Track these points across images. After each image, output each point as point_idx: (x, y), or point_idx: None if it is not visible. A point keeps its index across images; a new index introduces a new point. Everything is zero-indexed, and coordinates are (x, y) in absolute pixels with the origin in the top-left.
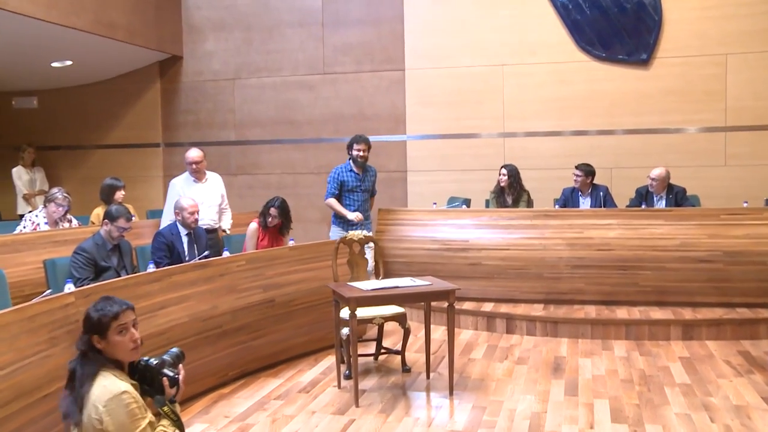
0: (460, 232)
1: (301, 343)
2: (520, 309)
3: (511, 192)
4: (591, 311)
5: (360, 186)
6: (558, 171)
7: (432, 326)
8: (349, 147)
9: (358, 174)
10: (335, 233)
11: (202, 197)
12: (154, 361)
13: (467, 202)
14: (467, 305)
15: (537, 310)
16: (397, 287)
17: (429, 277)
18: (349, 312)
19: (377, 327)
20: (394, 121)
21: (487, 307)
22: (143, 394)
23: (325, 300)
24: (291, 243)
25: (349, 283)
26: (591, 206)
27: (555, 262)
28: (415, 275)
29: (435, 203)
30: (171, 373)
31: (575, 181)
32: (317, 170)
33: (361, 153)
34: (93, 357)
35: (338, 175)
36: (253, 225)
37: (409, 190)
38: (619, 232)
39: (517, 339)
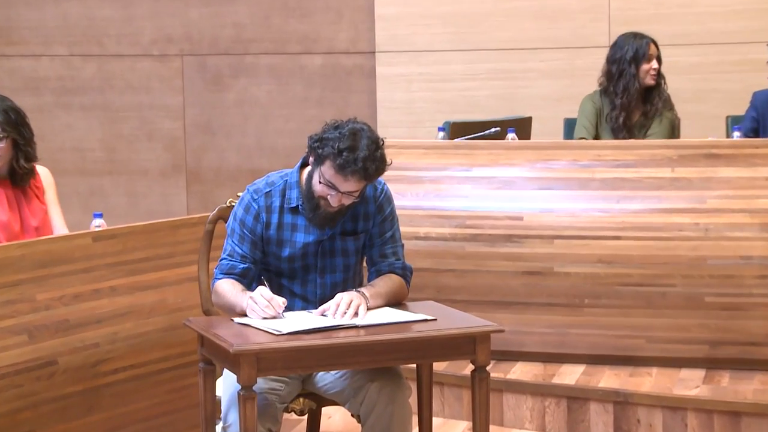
0: (502, 196)
1: None
2: (650, 379)
3: (647, 106)
4: None
5: (313, 249)
6: (737, 51)
7: (439, 420)
8: (319, 158)
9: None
10: None
11: None
12: None
13: (518, 127)
14: (522, 370)
15: (692, 381)
16: (356, 326)
17: (429, 302)
18: (240, 387)
19: (306, 419)
20: None
21: (570, 374)
22: None
23: (184, 359)
24: (97, 223)
25: (236, 320)
26: None
27: (733, 267)
28: (394, 299)
29: (442, 128)
30: None
31: None
32: (162, 46)
33: (334, 200)
34: None
35: (249, 212)
36: None
37: (380, 95)
38: None
39: None
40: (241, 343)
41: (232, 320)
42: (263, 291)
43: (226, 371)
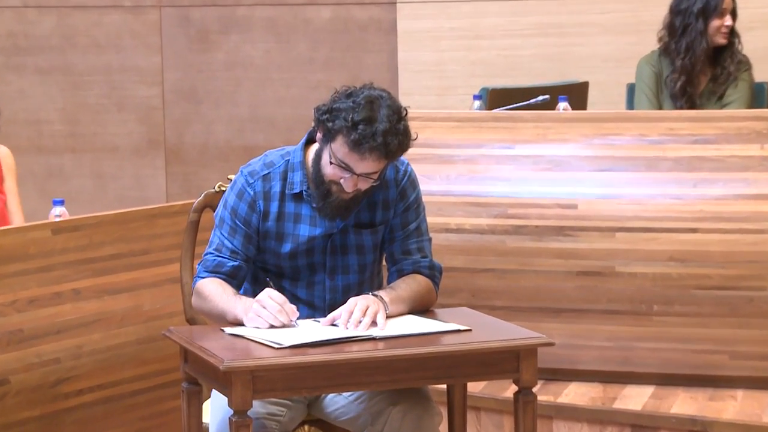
0: (552, 179)
1: None
2: (735, 404)
3: (717, 70)
4: None
5: (321, 244)
6: None
7: None
8: (329, 133)
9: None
10: None
11: None
12: None
13: (571, 94)
14: (576, 392)
15: None
16: (373, 338)
17: (463, 309)
18: (231, 412)
19: None
20: None
21: (636, 398)
22: None
23: (163, 378)
24: (57, 212)
25: (227, 330)
26: None
27: None
28: (420, 305)
29: (478, 96)
30: None
31: None
32: None
33: (348, 184)
34: None
35: (242, 199)
36: None
37: (402, 56)
38: None
39: None
40: (234, 358)
41: (222, 330)
42: (273, 293)
43: (214, 393)
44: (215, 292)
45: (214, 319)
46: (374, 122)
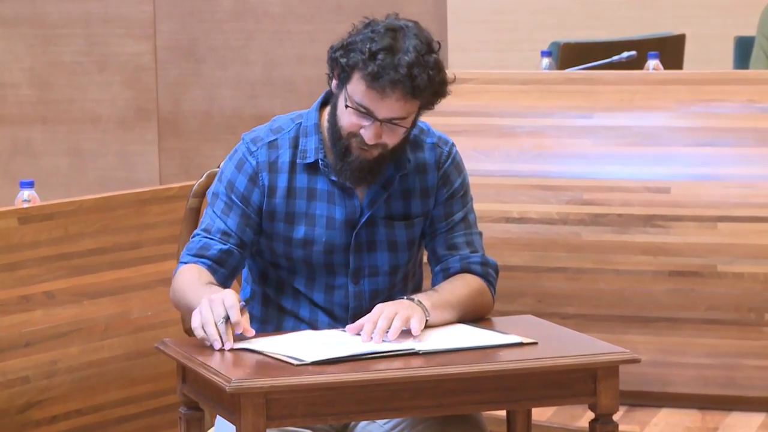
0: (639, 157)
1: None
2: None
3: None
4: None
5: (342, 242)
6: None
7: None
8: (344, 72)
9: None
10: None
11: None
12: None
13: (663, 50)
14: (668, 421)
15: None
16: (415, 353)
17: (526, 317)
18: None
19: None
20: None
21: (743, 428)
22: None
23: (156, 402)
24: (25, 196)
25: (239, 344)
26: None
27: None
28: (472, 312)
29: (546, 53)
30: None
31: None
32: None
33: (369, 133)
34: None
35: (242, 170)
36: None
37: (453, 3)
38: None
39: None
40: (243, 377)
41: (235, 343)
42: (227, 295)
43: (219, 419)
44: (187, 282)
45: (187, 319)
46: (397, 52)
